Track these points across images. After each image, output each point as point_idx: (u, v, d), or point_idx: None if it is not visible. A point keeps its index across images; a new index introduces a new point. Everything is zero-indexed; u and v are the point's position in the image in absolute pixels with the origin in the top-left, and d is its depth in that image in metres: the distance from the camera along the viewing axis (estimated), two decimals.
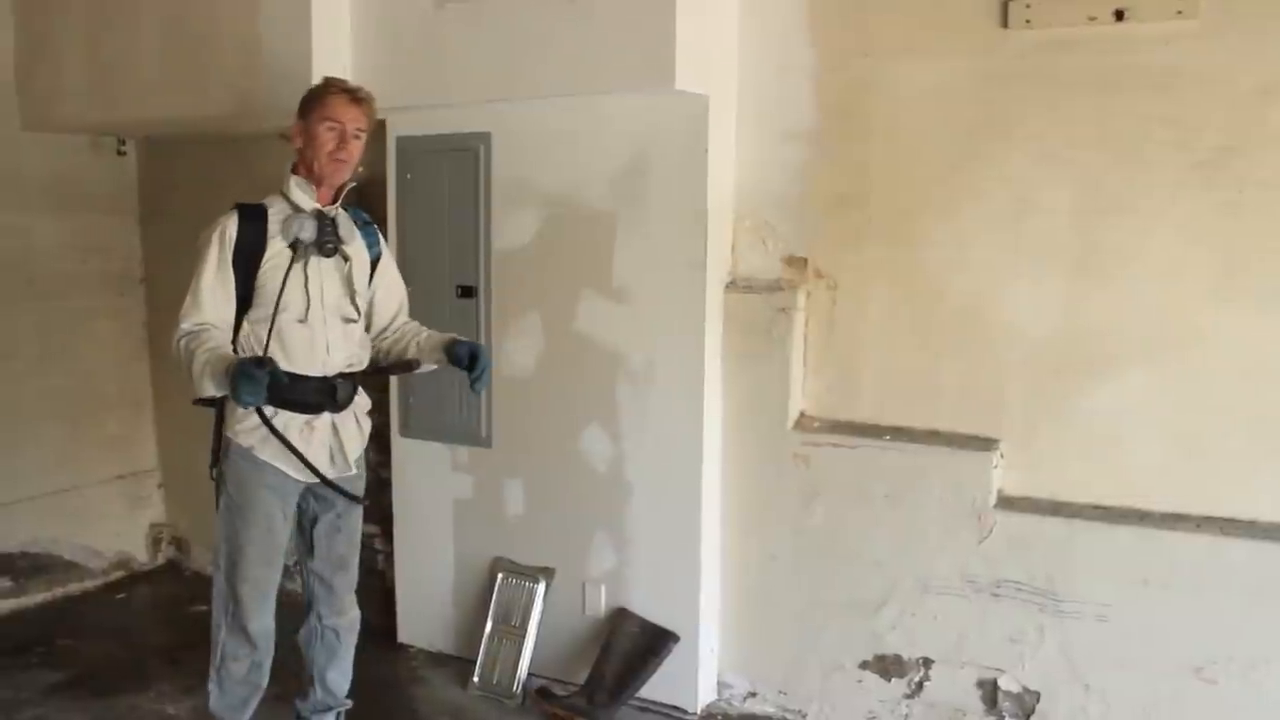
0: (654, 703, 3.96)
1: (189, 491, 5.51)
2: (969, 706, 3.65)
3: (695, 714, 3.95)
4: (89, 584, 5.27)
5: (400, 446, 4.42)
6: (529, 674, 4.09)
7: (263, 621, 3.28)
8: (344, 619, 3.47)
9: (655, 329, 3.81)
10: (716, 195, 3.75)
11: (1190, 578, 3.29)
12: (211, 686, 3.31)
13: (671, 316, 3.77)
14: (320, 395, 3.17)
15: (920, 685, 3.71)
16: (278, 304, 3.08)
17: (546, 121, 3.93)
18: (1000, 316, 3.56)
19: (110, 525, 5.43)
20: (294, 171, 3.20)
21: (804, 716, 3.90)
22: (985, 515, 3.54)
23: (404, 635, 4.56)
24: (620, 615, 3.98)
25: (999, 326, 3.56)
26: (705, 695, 3.99)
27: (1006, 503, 3.56)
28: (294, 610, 3.51)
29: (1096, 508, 3.48)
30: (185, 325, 3.04)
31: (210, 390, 2.98)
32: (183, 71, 4.30)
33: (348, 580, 3.47)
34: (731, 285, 3.86)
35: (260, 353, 3.03)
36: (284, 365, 3.01)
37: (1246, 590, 3.21)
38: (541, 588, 4.13)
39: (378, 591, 4.79)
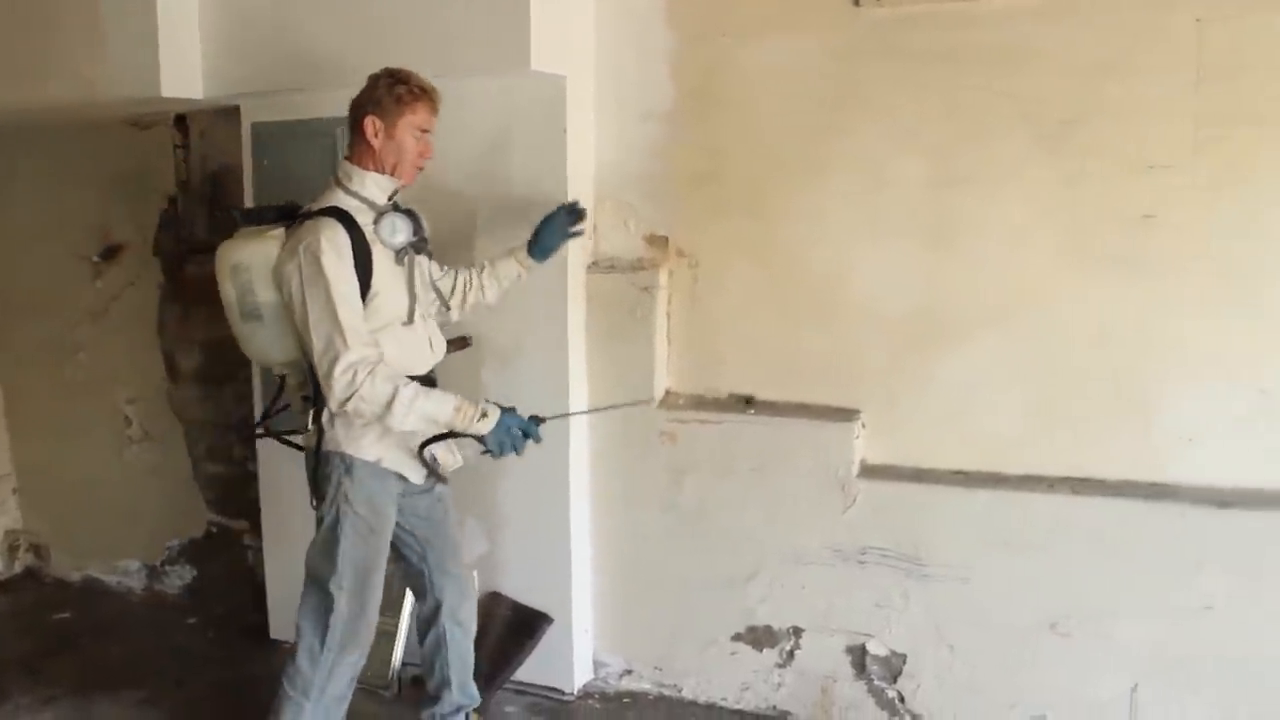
0: (530, 685, 3.96)
1: (48, 496, 5.36)
2: (839, 672, 3.72)
3: (572, 694, 3.96)
4: None
5: (265, 439, 4.33)
6: (403, 664, 4.06)
7: None
8: (467, 604, 3.45)
9: (519, 311, 3.77)
10: (577, 176, 3.75)
11: (1044, 537, 3.40)
12: (296, 712, 3.16)
13: (534, 298, 3.74)
14: None
15: (792, 654, 3.77)
16: (392, 312, 3.03)
17: None
18: (858, 288, 3.63)
19: None
20: (359, 164, 3.06)
21: (680, 691, 3.94)
22: (849, 485, 3.60)
23: (276, 631, 4.48)
24: (493, 600, 3.97)
25: (857, 298, 3.63)
26: (581, 675, 4.00)
27: (869, 471, 3.63)
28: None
29: (956, 473, 3.57)
30: (357, 353, 2.85)
31: (410, 426, 2.91)
32: (21, 58, 4.15)
33: (461, 561, 3.46)
34: (594, 266, 3.86)
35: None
36: (402, 370, 2.96)
37: (1096, 546, 3.34)
38: None
39: (249, 587, 4.72)
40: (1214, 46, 3.15)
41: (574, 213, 3.51)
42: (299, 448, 3.24)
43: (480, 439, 2.96)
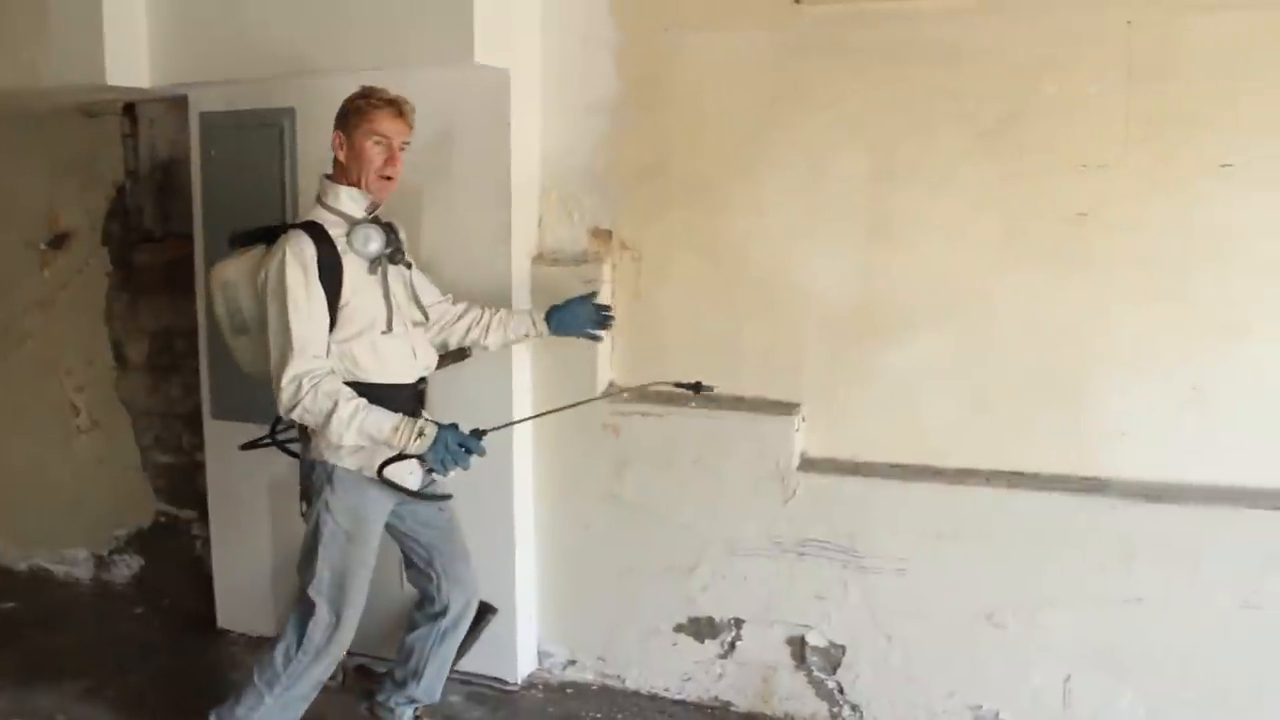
0: (475, 675, 3.98)
1: None
2: (779, 663, 3.75)
3: (516, 684, 3.98)
4: None
5: (213, 429, 4.34)
6: (348, 653, 4.05)
7: None
8: (470, 612, 3.48)
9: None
10: (521, 169, 3.76)
11: (980, 529, 3.44)
12: (256, 702, 3.19)
13: (479, 291, 3.72)
14: (413, 403, 3.15)
15: (733, 645, 3.80)
16: (365, 320, 3.05)
17: None
18: (799, 282, 3.66)
19: None
20: (334, 180, 3.11)
21: (623, 681, 3.97)
22: (789, 477, 3.64)
23: (223, 620, 4.49)
24: None
25: (798, 291, 3.66)
26: (525, 665, 4.03)
27: (809, 464, 3.66)
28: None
29: (894, 466, 3.61)
30: (302, 364, 2.90)
31: (349, 442, 2.93)
32: None
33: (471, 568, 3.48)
34: (539, 258, 3.87)
35: (353, 369, 3.03)
36: (380, 379, 3.06)
37: (1031, 539, 3.39)
38: None
39: (196, 577, 4.71)
40: (1144, 48, 3.20)
41: (601, 315, 3.56)
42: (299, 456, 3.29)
43: (421, 458, 3.00)
